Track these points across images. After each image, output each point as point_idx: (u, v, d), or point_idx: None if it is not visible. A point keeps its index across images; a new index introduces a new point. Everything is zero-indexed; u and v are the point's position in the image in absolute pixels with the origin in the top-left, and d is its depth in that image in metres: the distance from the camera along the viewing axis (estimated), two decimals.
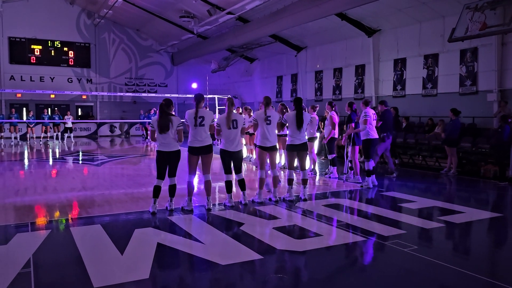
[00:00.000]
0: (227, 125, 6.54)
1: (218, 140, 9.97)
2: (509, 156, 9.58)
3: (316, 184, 9.21)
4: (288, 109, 8.10)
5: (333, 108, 9.65)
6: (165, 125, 6.14)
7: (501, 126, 9.41)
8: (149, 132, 6.40)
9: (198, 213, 6.40)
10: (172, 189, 6.37)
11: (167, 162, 6.29)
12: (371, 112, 8.62)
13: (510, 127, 9.49)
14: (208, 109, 9.69)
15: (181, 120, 6.34)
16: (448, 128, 10.72)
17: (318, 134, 10.57)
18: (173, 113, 6.37)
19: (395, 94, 15.19)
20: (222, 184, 8.63)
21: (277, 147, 7.38)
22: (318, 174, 10.27)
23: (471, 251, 5.20)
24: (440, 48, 13.43)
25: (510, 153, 9.58)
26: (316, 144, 10.70)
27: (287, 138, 7.31)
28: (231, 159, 6.74)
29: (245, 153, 11.51)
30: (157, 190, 6.31)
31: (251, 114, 10.82)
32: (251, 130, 9.79)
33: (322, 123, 12.17)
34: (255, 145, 7.55)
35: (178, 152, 6.32)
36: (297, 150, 7.20)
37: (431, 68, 13.86)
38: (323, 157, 12.88)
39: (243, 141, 11.02)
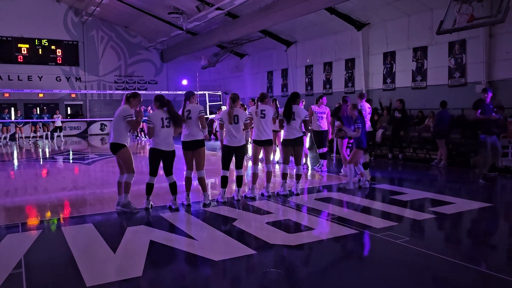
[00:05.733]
0: (228, 121, 6.64)
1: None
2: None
3: (308, 178, 9.24)
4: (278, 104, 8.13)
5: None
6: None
7: None
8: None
9: (191, 209, 6.39)
10: (174, 186, 6.34)
11: (162, 160, 6.26)
12: (366, 106, 8.67)
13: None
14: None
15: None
16: (437, 119, 10.79)
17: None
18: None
19: (385, 87, 15.25)
20: (213, 180, 8.67)
21: (272, 141, 7.39)
22: (310, 168, 10.30)
23: (462, 241, 5.26)
24: (429, 40, 13.49)
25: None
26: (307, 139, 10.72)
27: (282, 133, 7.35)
28: (233, 154, 6.77)
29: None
30: (150, 188, 6.30)
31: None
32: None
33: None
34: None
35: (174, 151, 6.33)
36: (291, 145, 7.22)
37: (420, 60, 13.93)
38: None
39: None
